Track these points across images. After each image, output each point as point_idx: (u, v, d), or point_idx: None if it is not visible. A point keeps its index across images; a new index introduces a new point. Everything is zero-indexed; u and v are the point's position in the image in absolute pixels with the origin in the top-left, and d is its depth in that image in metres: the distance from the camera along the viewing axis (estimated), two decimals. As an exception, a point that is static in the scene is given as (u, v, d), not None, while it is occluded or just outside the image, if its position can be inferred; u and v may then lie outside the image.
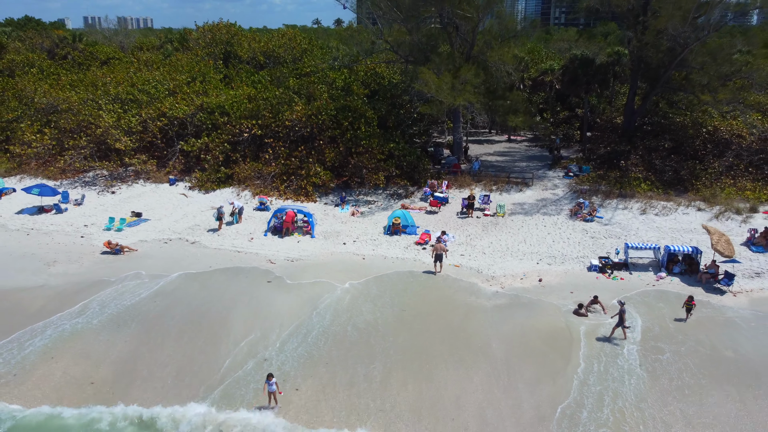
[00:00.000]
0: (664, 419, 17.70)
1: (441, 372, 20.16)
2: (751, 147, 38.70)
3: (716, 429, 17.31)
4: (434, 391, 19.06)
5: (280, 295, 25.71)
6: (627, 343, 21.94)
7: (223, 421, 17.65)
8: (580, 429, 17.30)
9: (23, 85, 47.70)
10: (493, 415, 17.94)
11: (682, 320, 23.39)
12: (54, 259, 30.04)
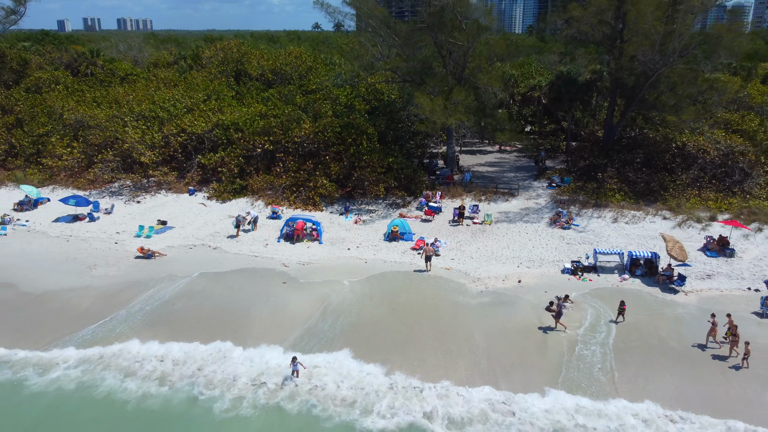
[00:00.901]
0: (620, 389, 21.89)
1: (431, 359, 24.31)
2: (714, 161, 42.89)
3: (660, 394, 21.48)
4: (425, 375, 23.18)
5: (295, 293, 29.91)
6: (588, 331, 26.13)
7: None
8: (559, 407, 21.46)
9: (52, 102, 51.86)
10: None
11: (614, 322, 27.32)
12: (94, 263, 34.21)
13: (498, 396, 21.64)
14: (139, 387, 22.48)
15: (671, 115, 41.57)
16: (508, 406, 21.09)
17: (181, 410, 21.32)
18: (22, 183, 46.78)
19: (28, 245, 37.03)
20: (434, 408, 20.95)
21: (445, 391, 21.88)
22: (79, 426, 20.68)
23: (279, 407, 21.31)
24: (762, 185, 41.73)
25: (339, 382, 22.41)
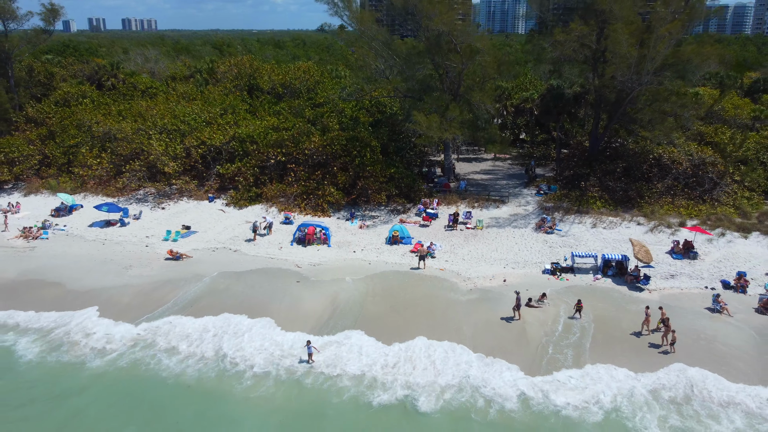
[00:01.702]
0: (574, 363, 26.25)
1: (425, 345, 28.68)
2: (686, 171, 47.06)
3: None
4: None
5: (307, 290, 34.36)
6: (557, 325, 30.44)
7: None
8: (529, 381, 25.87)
9: (81, 115, 56.41)
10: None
11: (572, 318, 31.62)
12: (129, 264, 38.71)
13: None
14: (182, 365, 26.96)
15: (646, 130, 45.73)
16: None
17: (216, 384, 25.78)
18: (56, 191, 51.40)
19: (69, 248, 41.57)
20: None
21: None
22: (133, 398, 25.17)
23: (298, 381, 25.83)
24: (729, 193, 45.86)
25: (349, 356, 26.98)
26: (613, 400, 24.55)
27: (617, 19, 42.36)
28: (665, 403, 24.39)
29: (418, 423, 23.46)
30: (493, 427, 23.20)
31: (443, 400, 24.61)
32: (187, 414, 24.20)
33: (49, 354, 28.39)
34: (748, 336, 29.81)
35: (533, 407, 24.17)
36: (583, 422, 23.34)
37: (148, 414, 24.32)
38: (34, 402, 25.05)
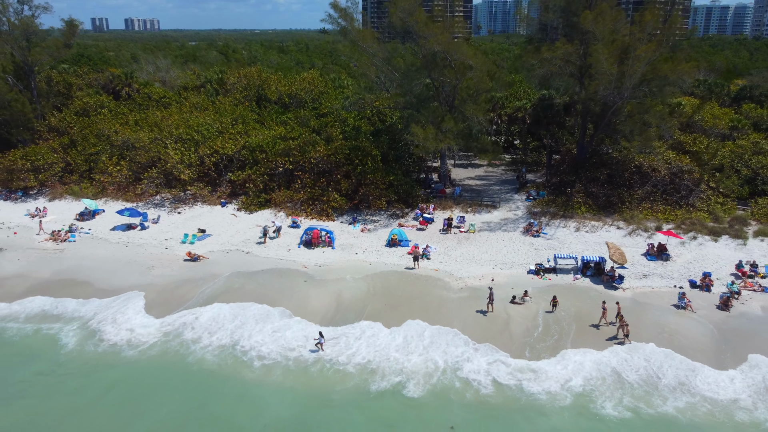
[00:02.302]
0: (545, 353, 29.94)
1: (419, 337, 32.41)
2: (665, 179, 50.67)
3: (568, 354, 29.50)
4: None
5: (314, 288, 38.09)
6: (538, 318, 34.12)
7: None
8: (513, 366, 29.54)
9: (101, 125, 60.23)
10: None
11: (550, 312, 35.31)
12: (152, 264, 42.50)
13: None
14: (205, 352, 30.75)
15: (627, 140, 49.37)
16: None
17: (235, 369, 29.54)
18: (79, 196, 55.24)
19: (95, 250, 45.38)
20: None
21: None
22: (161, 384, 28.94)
23: (307, 368, 29.59)
24: (704, 199, 49.46)
25: (353, 345, 30.72)
26: (581, 379, 28.25)
27: (598, 39, 45.98)
28: (623, 384, 28.07)
29: (429, 392, 27.21)
30: (481, 399, 26.91)
31: (436, 378, 28.35)
32: (211, 396, 27.93)
33: (86, 343, 32.19)
34: (707, 330, 33.44)
35: (515, 384, 27.87)
36: (555, 394, 27.04)
37: (178, 396, 28.05)
38: (79, 386, 28.84)
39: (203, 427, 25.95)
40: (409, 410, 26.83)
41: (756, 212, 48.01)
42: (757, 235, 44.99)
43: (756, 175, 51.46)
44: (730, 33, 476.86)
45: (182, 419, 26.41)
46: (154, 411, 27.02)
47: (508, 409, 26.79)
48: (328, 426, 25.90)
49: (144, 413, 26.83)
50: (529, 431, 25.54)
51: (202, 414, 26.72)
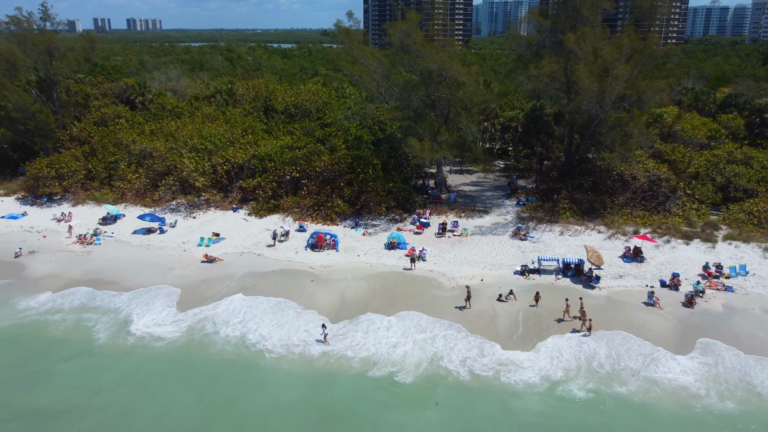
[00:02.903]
0: (521, 344, 34.06)
1: (414, 331, 36.57)
2: (643, 186, 54.71)
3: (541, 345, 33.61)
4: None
5: (320, 287, 42.24)
6: (520, 314, 38.22)
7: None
8: (503, 359, 33.62)
9: (119, 135, 64.43)
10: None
11: (533, 306, 39.42)
12: (172, 266, 46.68)
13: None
14: (225, 342, 34.92)
15: (606, 151, 53.45)
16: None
17: (252, 358, 33.70)
18: (100, 202, 59.45)
19: (119, 252, 49.58)
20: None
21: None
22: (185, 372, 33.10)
23: (311, 357, 33.75)
24: (679, 205, 53.45)
25: (354, 336, 34.85)
26: (553, 363, 32.39)
27: (580, 59, 50.04)
28: (591, 368, 32.21)
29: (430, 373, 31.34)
30: (464, 380, 31.06)
31: (432, 359, 32.49)
32: (231, 381, 32.06)
33: (119, 334, 36.38)
34: (671, 324, 37.53)
35: (496, 368, 32.00)
36: (529, 377, 31.17)
37: (203, 381, 32.17)
38: (112, 371, 33.04)
39: (227, 407, 30.08)
40: (399, 389, 30.97)
41: (727, 217, 52.01)
42: (726, 238, 49.00)
43: (729, 182, 55.42)
44: (729, 34, 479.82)
45: (207, 400, 30.54)
46: (179, 395, 31.09)
47: (488, 387, 30.91)
48: (334, 405, 30.05)
49: (172, 397, 30.98)
50: (503, 406, 29.60)
51: (225, 396, 30.86)
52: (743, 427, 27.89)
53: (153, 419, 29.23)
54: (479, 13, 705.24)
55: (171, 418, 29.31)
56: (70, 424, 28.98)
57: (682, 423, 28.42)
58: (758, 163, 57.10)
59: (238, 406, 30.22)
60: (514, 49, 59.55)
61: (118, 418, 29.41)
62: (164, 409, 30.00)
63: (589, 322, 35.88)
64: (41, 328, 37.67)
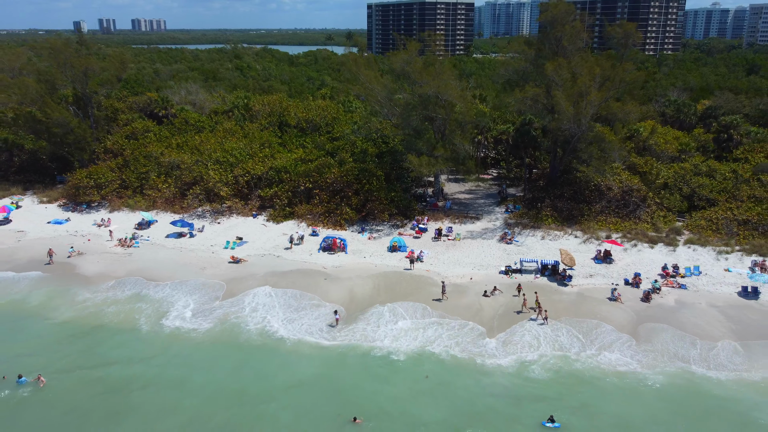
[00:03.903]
0: (518, 330, 41.21)
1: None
2: (617, 196, 61.73)
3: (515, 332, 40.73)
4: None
5: (333, 284, 49.45)
6: (502, 307, 45.34)
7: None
8: (484, 344, 40.74)
9: (150, 148, 71.80)
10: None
11: (516, 296, 46.59)
12: (203, 266, 53.94)
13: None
14: (252, 331, 42.17)
15: (583, 165, 60.54)
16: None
17: (275, 344, 40.92)
18: (134, 209, 66.79)
19: (156, 254, 56.86)
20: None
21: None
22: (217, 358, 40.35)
23: (324, 339, 40.98)
24: (649, 213, 60.46)
25: (365, 327, 42.09)
26: (523, 345, 39.57)
27: (558, 85, 57.13)
28: (554, 353, 39.35)
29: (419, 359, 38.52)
30: (453, 357, 38.21)
31: (429, 339, 39.67)
32: (258, 362, 39.19)
33: (162, 323, 43.64)
34: (629, 315, 44.56)
35: (476, 349, 39.15)
36: (503, 356, 38.30)
37: (235, 363, 39.30)
38: (154, 358, 40.29)
39: (256, 382, 37.20)
40: (396, 366, 38.14)
41: (689, 224, 59.03)
42: (686, 242, 56.04)
43: (694, 192, 62.36)
44: (730, 36, 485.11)
45: (241, 375, 37.75)
46: (201, 383, 37.80)
47: (466, 365, 38.05)
48: (344, 379, 37.24)
49: (198, 377, 38.17)
50: (477, 379, 36.70)
51: (256, 372, 38.07)
52: (669, 394, 35.06)
53: (196, 389, 36.41)
54: (482, 14, 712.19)
55: (211, 388, 36.48)
56: (134, 391, 36.21)
57: (622, 392, 35.51)
58: (720, 175, 64.09)
59: (267, 379, 37.40)
60: (503, 74, 66.70)
61: (171, 388, 36.65)
62: (205, 382, 37.17)
63: (545, 312, 43.02)
64: (98, 316, 44.99)
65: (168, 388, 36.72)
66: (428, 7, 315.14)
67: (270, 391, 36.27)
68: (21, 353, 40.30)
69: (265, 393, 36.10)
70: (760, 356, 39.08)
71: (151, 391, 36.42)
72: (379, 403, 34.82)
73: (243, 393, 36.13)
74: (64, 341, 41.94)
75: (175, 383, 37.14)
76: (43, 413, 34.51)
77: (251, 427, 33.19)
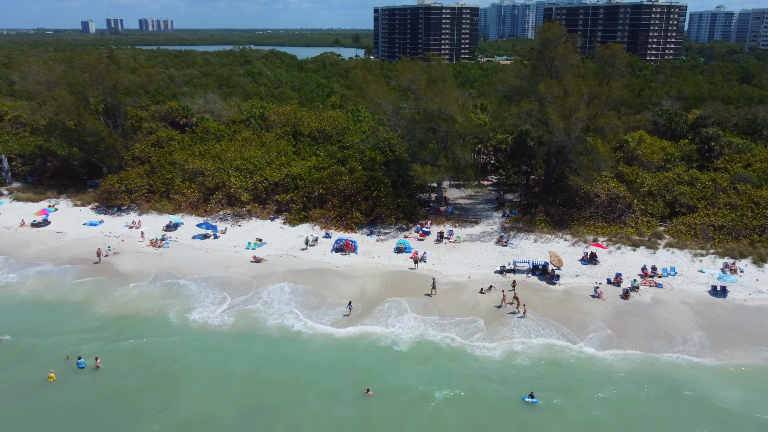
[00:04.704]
0: (511, 326, 46.96)
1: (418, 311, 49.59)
2: (604, 203, 67.31)
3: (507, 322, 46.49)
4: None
5: (345, 282, 55.30)
6: (495, 303, 51.08)
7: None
8: (478, 335, 46.53)
9: (175, 156, 77.90)
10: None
11: (511, 290, 52.27)
12: (228, 264, 59.90)
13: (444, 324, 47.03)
14: (274, 323, 48.09)
15: (575, 174, 66.17)
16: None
17: (294, 335, 46.82)
18: (161, 212, 72.85)
19: (185, 254, 62.87)
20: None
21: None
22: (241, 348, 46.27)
23: (338, 334, 46.85)
24: (633, 218, 66.01)
25: (371, 314, 47.94)
26: (513, 334, 45.34)
27: (550, 102, 62.79)
28: (538, 342, 45.08)
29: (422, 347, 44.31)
30: (450, 344, 43.98)
31: (429, 331, 45.47)
32: (269, 358, 44.89)
33: (193, 316, 49.57)
34: (609, 311, 50.17)
35: (473, 336, 44.94)
36: (495, 344, 44.05)
37: (256, 352, 45.06)
38: (186, 349, 46.24)
39: (278, 366, 43.06)
40: (401, 353, 43.96)
41: (670, 229, 64.57)
42: (666, 246, 61.61)
43: (675, 199, 67.87)
44: (734, 39, 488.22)
45: (261, 364, 43.62)
46: (234, 365, 43.63)
47: (459, 351, 43.83)
48: (356, 361, 43.09)
49: (234, 362, 44.07)
50: (469, 364, 42.43)
51: (280, 356, 43.96)
52: (637, 376, 40.78)
53: (234, 371, 42.34)
54: (487, 16, 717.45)
55: (245, 368, 42.40)
56: (176, 369, 42.15)
57: (596, 375, 41.22)
58: (701, 184, 69.58)
59: (290, 363, 43.28)
60: (501, 90, 72.43)
61: (211, 370, 42.58)
62: (240, 364, 43.10)
63: (524, 306, 48.77)
64: (138, 308, 51.01)
65: (207, 371, 42.42)
66: (434, 12, 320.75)
67: (296, 370, 42.09)
68: (75, 340, 46.32)
69: (291, 371, 41.93)
70: (721, 347, 44.68)
71: (193, 371, 42.33)
72: (387, 380, 40.67)
73: (273, 371, 42.10)
74: (109, 329, 47.95)
75: (215, 366, 42.91)
76: (102, 390, 40.50)
77: (282, 396, 39.18)
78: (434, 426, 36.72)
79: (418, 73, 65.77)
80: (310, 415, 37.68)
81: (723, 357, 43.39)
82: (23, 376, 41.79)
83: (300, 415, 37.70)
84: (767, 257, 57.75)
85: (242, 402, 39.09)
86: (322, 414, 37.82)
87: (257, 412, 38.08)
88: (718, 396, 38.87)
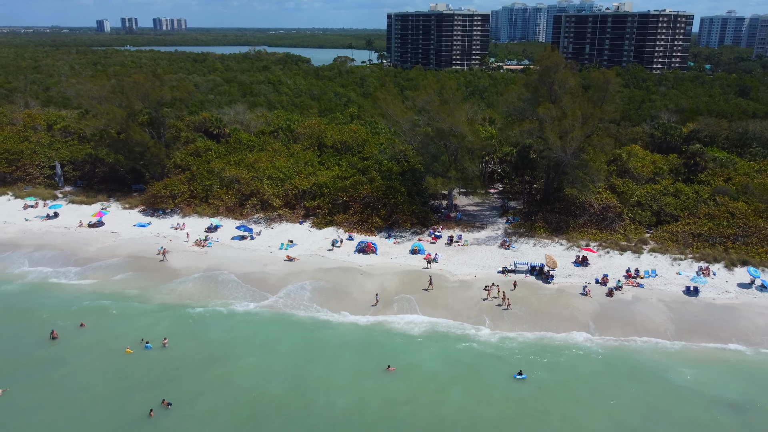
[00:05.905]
0: (509, 318, 55.53)
1: (428, 308, 58.25)
2: (597, 212, 75.52)
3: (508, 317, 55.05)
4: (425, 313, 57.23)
5: (367, 279, 64.04)
6: (498, 300, 59.57)
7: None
8: (480, 325, 55.16)
9: (213, 165, 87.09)
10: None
11: (512, 290, 60.72)
12: (265, 263, 68.85)
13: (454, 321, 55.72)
14: (304, 314, 57.00)
15: (570, 186, 74.50)
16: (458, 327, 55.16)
17: (321, 323, 55.67)
18: (202, 215, 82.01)
19: (226, 253, 71.90)
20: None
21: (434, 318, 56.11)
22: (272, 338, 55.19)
23: (365, 323, 55.66)
24: (623, 226, 74.17)
25: (391, 306, 56.71)
26: (509, 323, 53.89)
27: (546, 122, 71.16)
28: (531, 332, 53.60)
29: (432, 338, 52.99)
30: (457, 334, 52.60)
31: (437, 324, 54.13)
32: (305, 340, 53.71)
33: (240, 306, 58.52)
34: (594, 307, 58.50)
35: (477, 327, 53.56)
36: (492, 333, 52.62)
37: (287, 339, 53.93)
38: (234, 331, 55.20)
39: (310, 349, 51.83)
40: (414, 338, 52.64)
41: (655, 235, 72.69)
42: (650, 251, 69.76)
43: (661, 209, 75.93)
44: (744, 44, 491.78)
45: (294, 348, 52.45)
46: (276, 344, 52.58)
47: (463, 336, 52.43)
48: (381, 345, 51.84)
49: (275, 343, 52.95)
50: (469, 346, 51.01)
51: (315, 338, 52.82)
52: (610, 359, 49.18)
53: (274, 349, 51.24)
54: (499, 19, 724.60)
55: (285, 348, 51.28)
56: (228, 348, 51.11)
57: (577, 358, 49.67)
58: (684, 195, 77.59)
59: (324, 343, 52.10)
60: (505, 111, 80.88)
61: (256, 348, 51.48)
62: (278, 345, 51.99)
63: (508, 300, 57.39)
64: (192, 299, 60.06)
65: (254, 350, 51.46)
66: (445, 19, 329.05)
67: (326, 350, 50.95)
68: (144, 324, 55.42)
69: (323, 351, 50.81)
70: (686, 337, 52.94)
71: (243, 351, 51.31)
72: (404, 360, 49.42)
73: (311, 352, 50.97)
74: (170, 315, 57.02)
75: (260, 346, 51.93)
76: (168, 362, 49.57)
77: (317, 370, 48.05)
78: (444, 396, 45.40)
79: (433, 96, 74.35)
80: (345, 384, 46.60)
81: (685, 344, 51.69)
82: (105, 351, 51.05)
83: (335, 385, 46.54)
84: (737, 262, 65.79)
85: (284, 374, 48.02)
86: (353, 385, 46.70)
87: (299, 382, 46.99)
88: (676, 373, 47.29)
